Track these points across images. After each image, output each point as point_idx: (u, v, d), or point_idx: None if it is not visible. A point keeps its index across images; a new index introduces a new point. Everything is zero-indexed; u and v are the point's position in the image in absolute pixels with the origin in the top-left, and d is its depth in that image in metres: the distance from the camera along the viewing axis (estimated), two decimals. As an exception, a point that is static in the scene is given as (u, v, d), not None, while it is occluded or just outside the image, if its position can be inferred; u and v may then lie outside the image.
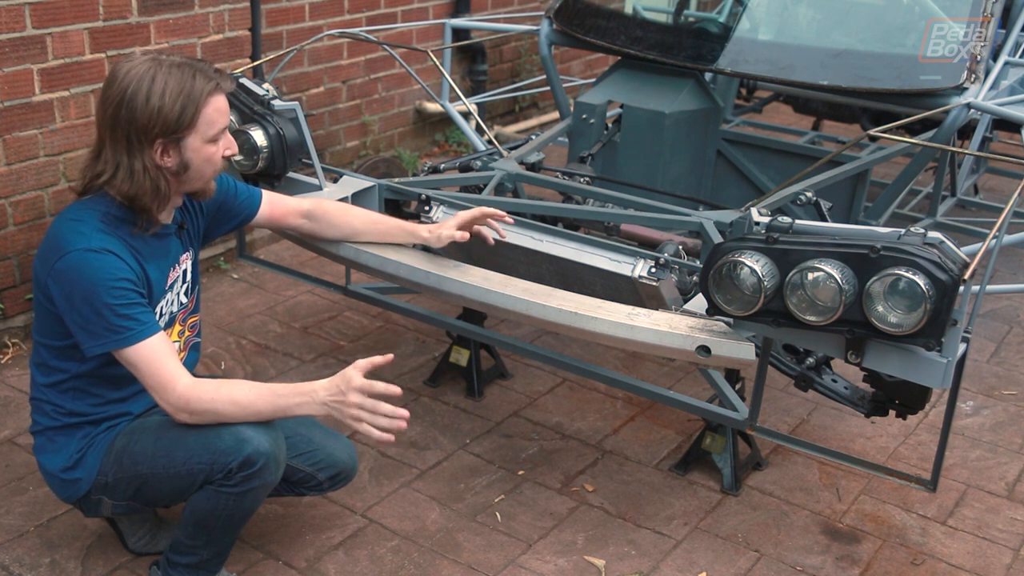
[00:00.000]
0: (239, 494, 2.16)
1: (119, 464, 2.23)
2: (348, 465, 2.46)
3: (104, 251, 2.07)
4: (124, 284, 2.08)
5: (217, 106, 2.14)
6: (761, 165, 3.75)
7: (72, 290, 2.07)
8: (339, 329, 3.74)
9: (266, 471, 2.15)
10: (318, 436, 2.43)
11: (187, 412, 2.11)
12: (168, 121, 2.08)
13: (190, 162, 2.14)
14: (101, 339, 2.08)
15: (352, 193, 2.86)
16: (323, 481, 2.44)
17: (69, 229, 2.10)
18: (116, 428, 2.27)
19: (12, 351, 3.42)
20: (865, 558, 2.67)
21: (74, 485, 2.27)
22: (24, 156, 3.39)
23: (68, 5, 3.37)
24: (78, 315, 2.08)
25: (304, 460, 2.40)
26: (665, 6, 5.17)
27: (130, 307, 2.08)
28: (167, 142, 2.10)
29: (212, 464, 2.13)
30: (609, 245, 2.55)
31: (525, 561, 2.60)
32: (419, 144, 5.53)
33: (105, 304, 2.05)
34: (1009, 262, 4.51)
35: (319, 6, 4.63)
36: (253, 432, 2.13)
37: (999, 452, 3.16)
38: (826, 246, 2.07)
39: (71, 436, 2.26)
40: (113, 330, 2.07)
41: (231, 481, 2.14)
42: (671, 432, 3.18)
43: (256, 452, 2.12)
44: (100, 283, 2.05)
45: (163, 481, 2.20)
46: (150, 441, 2.21)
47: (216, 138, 2.16)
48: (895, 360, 2.12)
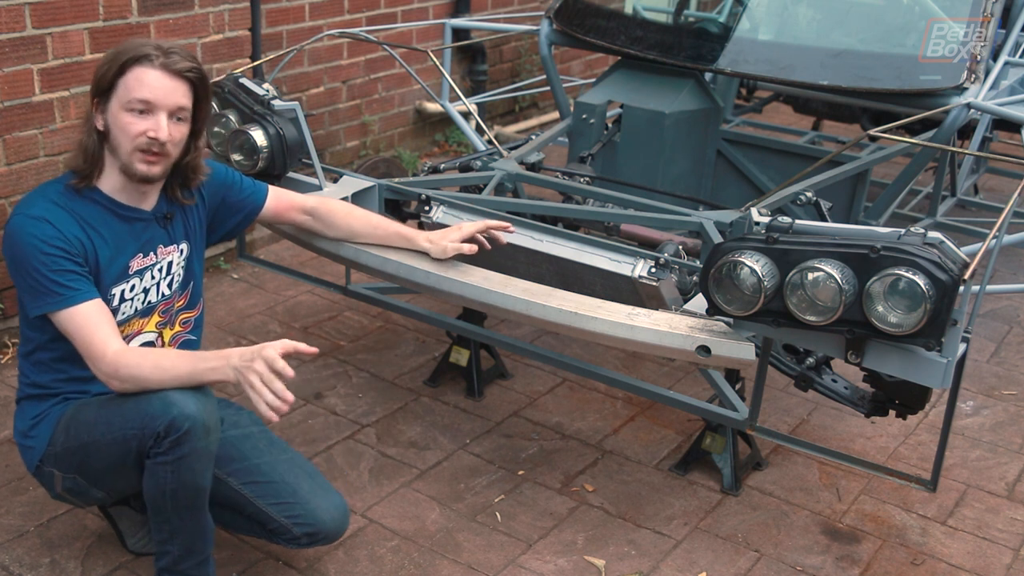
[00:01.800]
0: (173, 463, 2.12)
1: (66, 433, 2.25)
2: (328, 527, 2.37)
3: (41, 219, 2.14)
4: (54, 251, 2.12)
5: (140, 76, 2.14)
6: (761, 165, 3.75)
7: (13, 253, 2.15)
8: (339, 329, 3.74)
9: (193, 435, 2.10)
10: (304, 489, 2.37)
11: (117, 379, 2.14)
12: (99, 79, 2.17)
13: (109, 126, 2.18)
14: (38, 301, 2.15)
15: (352, 193, 2.86)
16: (299, 536, 2.36)
17: (27, 197, 2.21)
18: (70, 402, 2.29)
19: (12, 351, 3.42)
20: (865, 558, 2.67)
21: (29, 452, 2.32)
22: (24, 156, 3.39)
23: (68, 5, 3.37)
24: (19, 278, 2.17)
25: (281, 510, 2.35)
26: (665, 6, 5.17)
27: (60, 273, 2.13)
28: (100, 102, 2.18)
29: (143, 429, 2.12)
30: (609, 245, 2.55)
31: (525, 561, 2.60)
32: (419, 144, 5.53)
33: (35, 268, 2.12)
34: (1009, 262, 4.51)
35: (319, 6, 4.63)
36: (180, 396, 2.12)
37: (999, 452, 3.16)
38: (826, 246, 2.07)
39: (32, 405, 2.31)
40: (45, 292, 2.13)
41: (161, 448, 2.11)
42: (671, 432, 3.18)
43: (181, 415, 2.09)
44: (31, 247, 2.12)
45: (101, 449, 2.20)
46: (94, 410, 2.23)
47: (132, 107, 2.15)
48: (895, 360, 2.12)
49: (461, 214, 2.73)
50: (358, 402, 3.27)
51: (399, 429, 3.14)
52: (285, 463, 2.42)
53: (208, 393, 2.19)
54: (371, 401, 3.28)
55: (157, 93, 2.15)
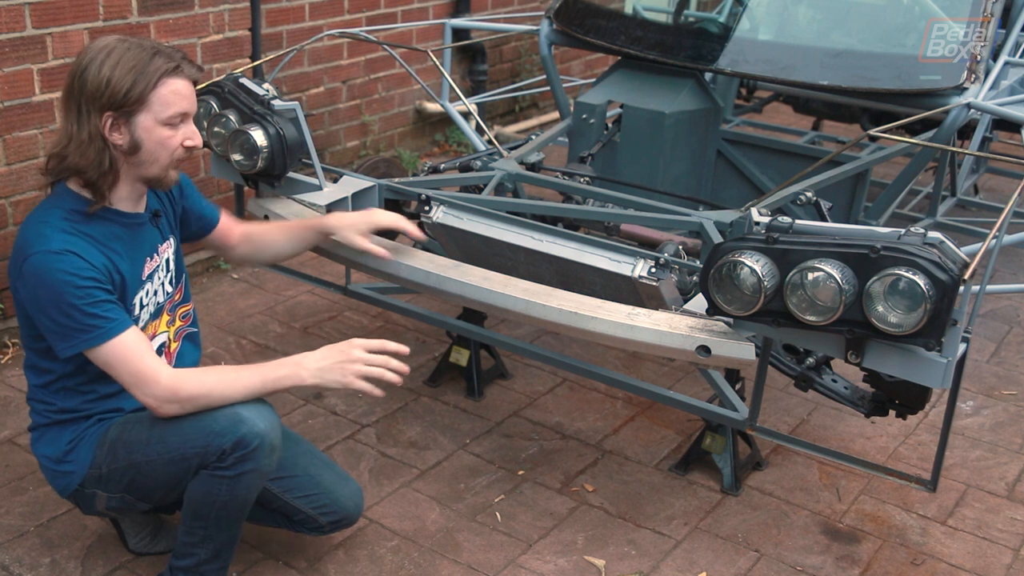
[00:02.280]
0: (233, 478, 2.13)
1: (113, 454, 2.22)
2: (351, 512, 2.47)
3: (65, 252, 2.04)
4: (88, 283, 2.05)
5: (175, 88, 2.10)
6: (761, 165, 3.75)
7: (38, 294, 2.05)
8: (339, 329, 3.74)
9: (260, 453, 2.12)
10: (327, 479, 2.43)
11: (175, 402, 2.10)
12: (116, 93, 2.05)
13: (141, 142, 2.10)
14: (72, 340, 2.07)
15: (352, 193, 2.86)
16: (324, 525, 2.45)
17: (33, 232, 2.08)
18: (108, 421, 2.26)
19: (12, 351, 3.42)
20: (865, 558, 2.67)
21: (67, 478, 2.26)
22: (24, 156, 3.39)
23: (68, 5, 3.37)
24: (47, 318, 2.07)
25: (308, 502, 2.40)
26: (665, 6, 5.17)
27: (96, 305, 2.06)
28: (117, 116, 2.07)
29: (207, 447, 2.11)
30: (609, 245, 2.54)
31: (525, 561, 2.60)
32: (419, 144, 5.52)
33: (71, 305, 2.03)
34: (1009, 262, 4.51)
35: (319, 6, 4.63)
36: (249, 413, 2.12)
37: (999, 452, 3.16)
38: (826, 246, 2.07)
39: (63, 430, 2.26)
40: (82, 330, 2.05)
41: (225, 463, 2.11)
42: (671, 432, 3.18)
43: (251, 432, 2.10)
44: (63, 284, 2.03)
45: (157, 468, 2.18)
46: (145, 429, 2.20)
47: (172, 122, 2.12)
48: (895, 360, 2.12)
49: (461, 214, 2.73)
50: (358, 402, 3.28)
51: (399, 429, 3.14)
52: (305, 455, 2.45)
53: (273, 412, 2.18)
54: (371, 401, 3.28)
55: (191, 103, 2.15)
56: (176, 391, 2.10)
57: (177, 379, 2.11)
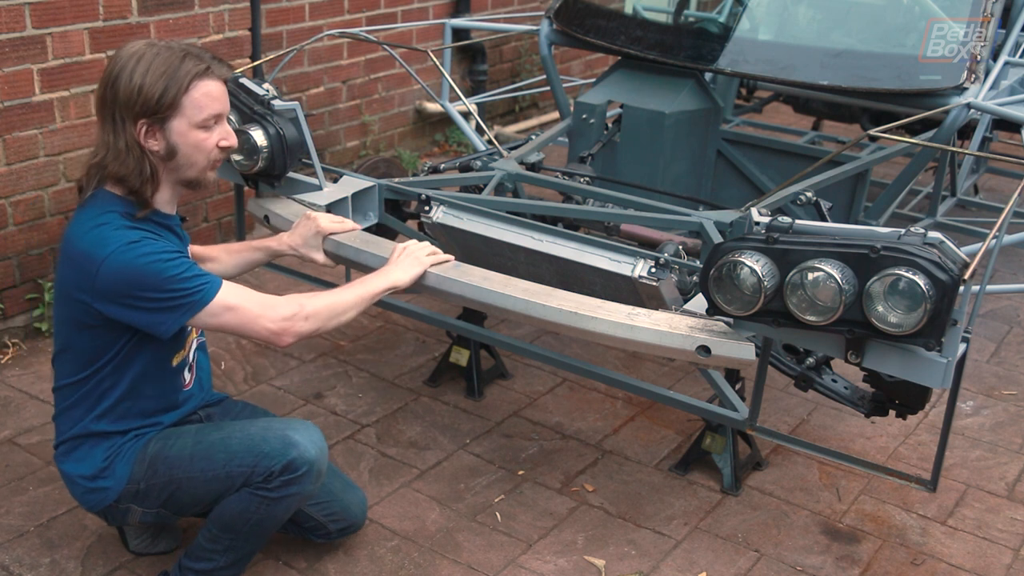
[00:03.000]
0: (274, 500, 2.15)
1: (153, 470, 2.20)
2: (359, 519, 2.53)
3: (142, 239, 2.04)
4: (175, 255, 2.06)
5: (207, 91, 2.09)
6: (761, 165, 3.75)
7: (130, 286, 2.02)
8: (339, 329, 3.73)
9: (307, 479, 2.15)
10: (337, 487, 2.47)
11: (303, 317, 2.13)
12: (149, 100, 2.04)
13: (177, 147, 2.09)
14: (182, 309, 2.05)
15: (352, 193, 2.86)
16: (332, 531, 2.49)
17: (95, 239, 2.05)
18: (144, 437, 2.24)
19: (12, 351, 3.42)
20: (865, 558, 2.67)
21: (101, 494, 2.24)
22: (24, 156, 3.39)
23: (68, 5, 3.37)
24: (145, 304, 2.04)
25: (320, 509, 2.42)
26: (665, 6, 5.17)
27: (192, 268, 2.07)
28: (151, 123, 2.07)
29: (254, 467, 2.12)
30: (609, 245, 2.54)
31: (525, 561, 2.60)
32: (419, 144, 5.52)
33: (170, 278, 2.03)
34: (1009, 262, 4.51)
35: (319, 6, 4.63)
36: (300, 437, 2.14)
37: (999, 452, 3.16)
38: (826, 246, 2.07)
39: (95, 446, 2.23)
40: (191, 292, 2.05)
41: (270, 485, 2.13)
42: (671, 432, 3.18)
43: (302, 458, 2.12)
44: (154, 264, 2.02)
45: (199, 485, 2.18)
46: (188, 445, 2.20)
47: (206, 124, 2.11)
48: (895, 360, 2.12)
49: (461, 214, 2.73)
50: (358, 402, 3.27)
51: (399, 429, 3.14)
52: None
53: (323, 437, 2.21)
54: (371, 401, 3.28)
55: (224, 104, 2.15)
56: (302, 306, 2.14)
57: (297, 299, 2.16)
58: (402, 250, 2.46)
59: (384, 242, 2.63)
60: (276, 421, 2.28)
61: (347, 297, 2.25)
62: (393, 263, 2.41)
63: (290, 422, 2.23)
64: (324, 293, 2.26)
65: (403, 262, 2.41)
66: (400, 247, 2.47)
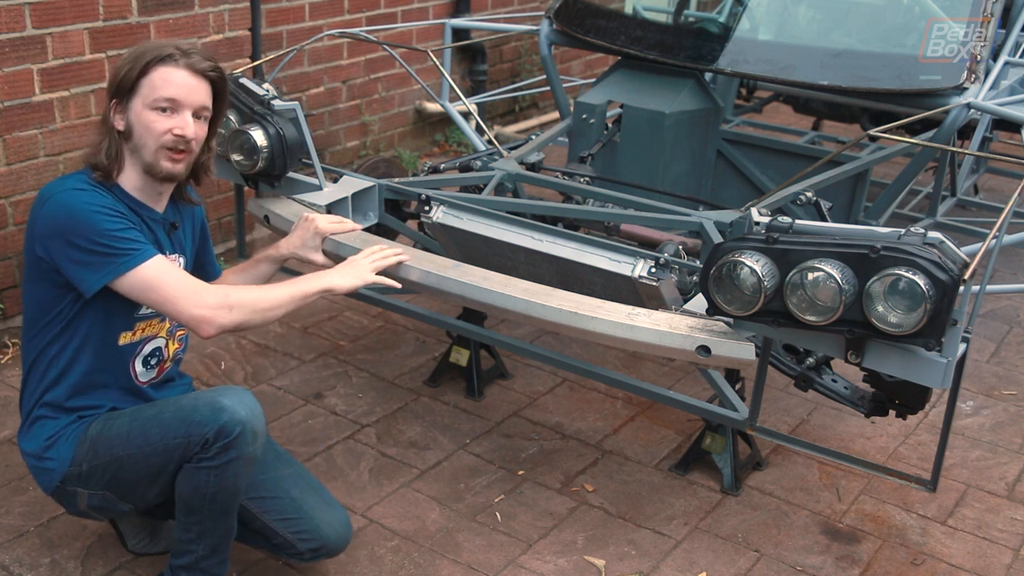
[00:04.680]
0: (218, 468, 2.12)
1: (94, 451, 2.22)
2: (333, 542, 2.38)
3: (91, 189, 2.11)
4: (116, 214, 2.09)
5: (165, 76, 2.14)
6: (761, 165, 3.75)
7: (63, 228, 2.06)
8: (339, 329, 3.74)
9: (242, 440, 2.11)
10: (309, 504, 2.37)
11: (228, 307, 2.12)
12: (115, 77, 2.15)
13: (132, 126, 2.16)
14: (107, 267, 2.07)
15: (352, 193, 2.86)
16: (303, 552, 2.37)
17: (51, 186, 2.15)
18: (87, 420, 2.26)
19: (12, 351, 3.42)
20: (865, 558, 2.67)
21: (47, 474, 2.26)
22: (24, 156, 3.39)
23: (68, 5, 3.37)
24: (76, 252, 2.06)
25: (286, 526, 2.35)
26: (665, 6, 5.17)
27: (128, 231, 2.09)
28: (119, 102, 2.16)
29: (188, 437, 2.11)
30: (609, 245, 2.54)
31: (525, 561, 2.60)
32: (419, 144, 5.53)
33: (103, 231, 2.05)
34: (1009, 262, 4.51)
35: (319, 6, 4.63)
36: (229, 401, 2.12)
37: (999, 452, 3.16)
38: (826, 246, 2.07)
39: (44, 425, 2.26)
40: (119, 253, 2.06)
41: (208, 453, 2.11)
42: (671, 432, 3.18)
43: (232, 420, 2.10)
44: (93, 213, 2.06)
45: (139, 462, 2.17)
46: (125, 423, 2.21)
47: (158, 106, 2.14)
48: (895, 360, 2.12)
49: (461, 214, 2.73)
50: (358, 402, 3.28)
51: (399, 429, 3.14)
52: (290, 477, 2.41)
53: (254, 399, 2.19)
54: (371, 401, 3.28)
55: (182, 91, 2.15)
56: (227, 295, 2.13)
57: (224, 287, 2.18)
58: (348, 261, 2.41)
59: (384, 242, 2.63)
60: (206, 392, 2.25)
61: (277, 294, 2.22)
62: (335, 270, 2.37)
63: (220, 389, 2.22)
64: (254, 287, 2.30)
65: (345, 269, 2.37)
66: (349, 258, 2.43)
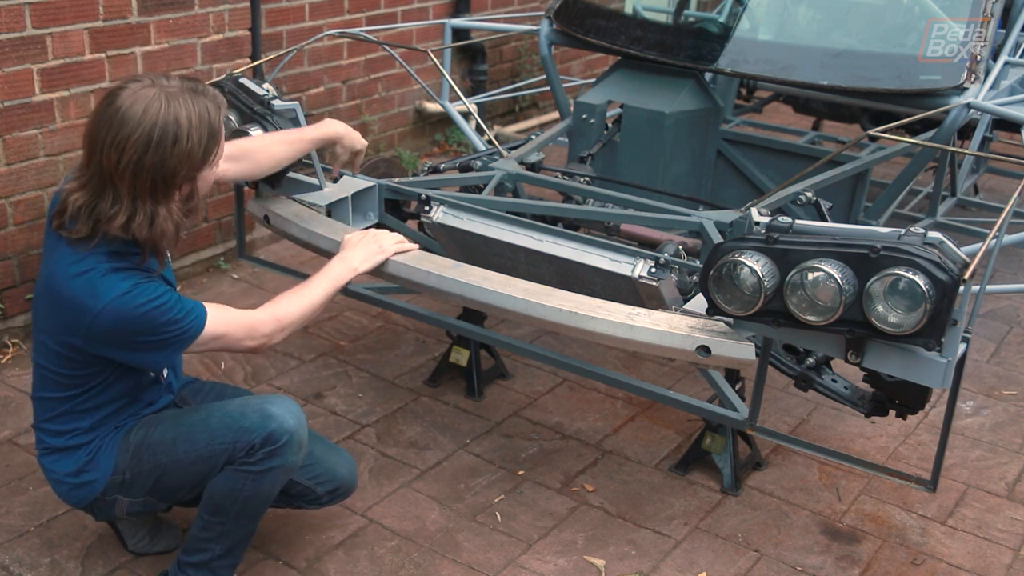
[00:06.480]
0: (258, 474, 2.15)
1: (137, 458, 2.21)
2: (347, 480, 2.48)
3: (133, 287, 2.01)
4: (165, 296, 2.04)
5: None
6: (761, 165, 3.75)
7: (126, 333, 2.03)
8: (339, 329, 3.73)
9: (288, 450, 2.15)
10: (319, 450, 2.43)
11: (282, 329, 2.23)
12: (195, 160, 2.01)
13: (198, 191, 2.12)
14: (174, 346, 2.10)
15: (352, 193, 2.86)
16: (322, 495, 2.44)
17: (85, 287, 2.00)
18: (125, 427, 2.25)
19: (12, 351, 3.42)
20: (865, 558, 2.67)
21: (86, 488, 2.24)
22: (24, 156, 3.39)
23: (68, 5, 3.37)
24: (141, 345, 2.06)
25: (304, 473, 2.39)
26: (665, 6, 5.17)
27: (180, 304, 2.08)
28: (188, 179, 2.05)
29: (235, 442, 2.14)
30: (609, 245, 2.54)
31: (525, 561, 2.60)
32: (419, 144, 5.52)
33: (166, 323, 2.04)
34: (1009, 262, 4.51)
35: (319, 6, 4.63)
36: (278, 409, 2.16)
37: (999, 452, 3.16)
38: (826, 246, 2.07)
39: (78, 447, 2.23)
40: (183, 331, 2.08)
41: (252, 459, 2.14)
42: (671, 432, 3.18)
43: (280, 428, 2.14)
44: (151, 312, 2.02)
45: (184, 467, 2.19)
46: (170, 429, 2.21)
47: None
48: (895, 360, 2.12)
49: (461, 214, 2.73)
50: (358, 402, 3.27)
51: (399, 429, 3.14)
52: None
53: (301, 410, 2.23)
54: (371, 401, 3.28)
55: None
56: (279, 320, 2.22)
57: (273, 312, 2.23)
58: (368, 240, 2.49)
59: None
60: (254, 397, 2.29)
61: (314, 296, 2.33)
62: (355, 252, 2.45)
63: (267, 397, 2.25)
64: (296, 297, 2.30)
65: (365, 251, 2.45)
66: (369, 237, 2.51)
